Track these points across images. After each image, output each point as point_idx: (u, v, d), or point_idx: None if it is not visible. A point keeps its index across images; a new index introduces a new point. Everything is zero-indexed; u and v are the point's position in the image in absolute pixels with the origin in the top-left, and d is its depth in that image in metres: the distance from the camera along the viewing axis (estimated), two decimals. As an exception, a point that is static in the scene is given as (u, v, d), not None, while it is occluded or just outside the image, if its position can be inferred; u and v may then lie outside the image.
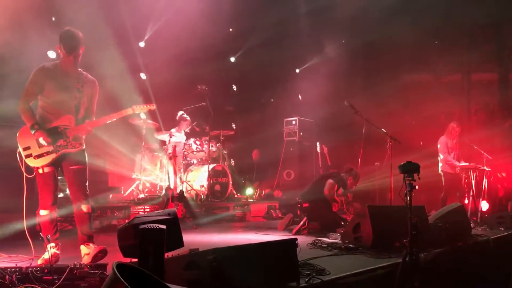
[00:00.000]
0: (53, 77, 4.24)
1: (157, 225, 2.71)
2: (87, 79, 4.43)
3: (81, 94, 4.33)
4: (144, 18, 9.63)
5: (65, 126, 4.23)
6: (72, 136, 4.24)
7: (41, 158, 4.13)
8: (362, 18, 11.30)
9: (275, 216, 8.90)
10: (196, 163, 9.11)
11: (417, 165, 3.91)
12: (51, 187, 4.20)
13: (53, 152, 4.16)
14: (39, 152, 4.13)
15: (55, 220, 4.29)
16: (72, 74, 4.33)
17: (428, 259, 4.49)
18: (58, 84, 4.24)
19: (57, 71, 4.29)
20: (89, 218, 4.35)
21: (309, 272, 3.54)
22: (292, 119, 11.61)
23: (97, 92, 4.54)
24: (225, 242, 5.63)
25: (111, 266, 2.41)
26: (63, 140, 4.21)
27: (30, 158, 4.12)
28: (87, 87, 4.40)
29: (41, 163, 4.13)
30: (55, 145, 4.16)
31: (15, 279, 3.05)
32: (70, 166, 4.26)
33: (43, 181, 4.17)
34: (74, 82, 4.32)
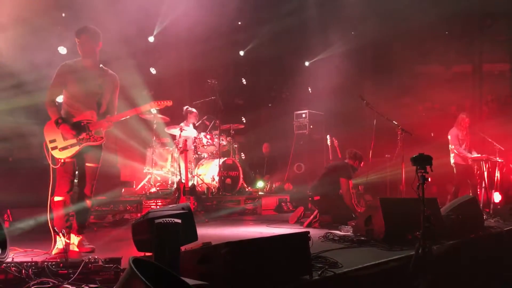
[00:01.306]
0: (75, 73, 4.43)
1: (172, 219, 2.73)
2: (107, 74, 4.58)
3: (102, 89, 4.51)
4: (153, 13, 9.62)
5: (88, 120, 4.41)
6: (94, 130, 4.42)
7: (66, 150, 4.33)
8: (372, 10, 11.21)
9: (286, 209, 8.91)
10: (207, 157, 9.14)
11: (429, 157, 3.89)
12: (69, 176, 4.40)
13: (77, 144, 4.35)
14: (64, 144, 4.33)
15: (69, 207, 4.43)
16: (92, 70, 4.49)
17: (441, 251, 4.48)
18: (80, 80, 4.42)
19: (78, 68, 4.46)
20: (88, 212, 4.63)
21: (322, 265, 3.55)
22: (302, 112, 11.59)
23: (118, 86, 4.69)
24: (237, 235, 5.66)
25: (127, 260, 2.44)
26: (86, 133, 4.39)
27: (56, 150, 4.33)
28: (108, 83, 4.56)
29: (65, 155, 4.34)
30: (78, 138, 4.35)
31: (31, 273, 3.07)
32: (86, 163, 4.48)
33: (63, 170, 4.35)
34: (95, 78, 4.48)
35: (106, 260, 3.29)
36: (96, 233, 5.90)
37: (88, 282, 3.06)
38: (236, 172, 8.85)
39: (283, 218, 7.47)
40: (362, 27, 11.79)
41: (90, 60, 4.50)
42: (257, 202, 8.85)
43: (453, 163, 8.51)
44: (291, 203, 9.14)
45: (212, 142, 8.91)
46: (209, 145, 8.91)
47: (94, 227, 6.14)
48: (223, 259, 2.85)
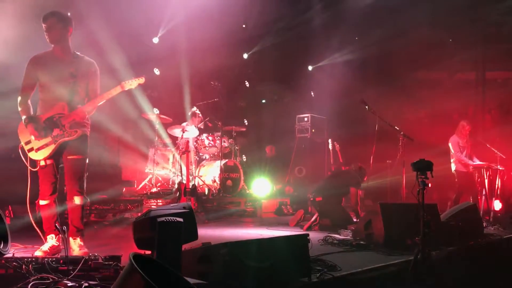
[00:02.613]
0: (44, 64, 4.13)
1: (175, 218, 2.74)
2: (82, 61, 4.23)
3: (75, 78, 4.13)
4: (158, 14, 9.66)
5: (59, 114, 4.08)
6: (67, 123, 4.08)
7: (42, 150, 4.05)
8: (376, 15, 11.23)
9: (286, 212, 8.91)
10: (208, 158, 9.16)
11: (430, 163, 3.91)
12: (51, 179, 4.11)
13: (52, 142, 4.05)
14: (39, 144, 4.04)
15: (55, 210, 4.17)
16: (64, 58, 4.17)
17: (440, 257, 4.49)
18: (49, 71, 4.11)
19: (48, 58, 4.17)
20: (81, 211, 4.23)
21: (321, 268, 3.57)
22: (304, 115, 11.62)
23: (96, 73, 4.28)
24: (236, 236, 5.68)
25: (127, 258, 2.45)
26: (59, 129, 4.07)
27: (32, 152, 4.06)
28: (82, 69, 4.19)
29: (42, 155, 4.05)
30: (52, 136, 4.05)
31: (32, 268, 3.10)
32: (68, 156, 4.15)
33: (43, 173, 4.08)
34: (67, 66, 4.14)
35: (106, 257, 3.31)
36: (97, 231, 5.93)
37: (88, 279, 3.08)
38: (237, 174, 8.87)
39: (283, 221, 7.48)
40: (366, 33, 11.81)
41: (60, 47, 4.14)
42: (257, 204, 8.86)
43: (454, 170, 8.51)
44: (292, 206, 9.14)
45: (214, 143, 8.93)
46: (211, 147, 8.94)
47: (95, 225, 6.17)
48: (222, 259, 2.87)
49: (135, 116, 8.64)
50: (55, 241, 4.11)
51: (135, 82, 4.31)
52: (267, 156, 11.58)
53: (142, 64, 9.19)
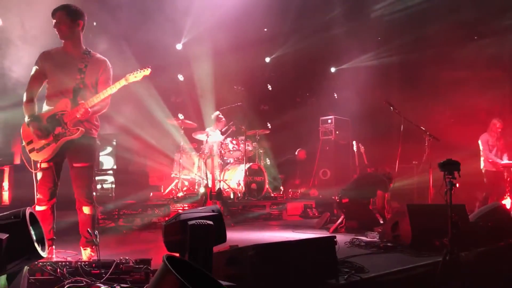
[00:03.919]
0: (52, 59, 3.94)
1: (205, 221, 2.79)
2: (93, 58, 4.01)
3: (84, 74, 3.91)
4: (181, 21, 9.80)
5: (62, 111, 3.85)
6: (69, 121, 3.83)
7: (43, 150, 3.81)
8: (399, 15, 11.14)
9: (312, 215, 8.90)
10: (233, 162, 9.23)
11: (457, 163, 3.86)
12: (50, 183, 3.86)
13: (53, 142, 3.82)
14: (40, 144, 3.81)
15: (52, 218, 3.92)
16: (73, 53, 3.96)
17: (469, 258, 4.42)
18: (57, 65, 3.92)
19: (58, 54, 3.98)
20: (91, 221, 3.97)
21: (348, 270, 3.56)
22: (328, 117, 11.59)
23: (107, 72, 4.05)
24: (263, 239, 5.71)
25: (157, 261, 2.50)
26: (61, 127, 3.83)
27: (33, 152, 3.83)
28: (92, 67, 3.96)
29: (43, 156, 3.81)
30: (53, 134, 3.81)
31: (66, 272, 3.19)
32: (74, 163, 3.92)
33: (42, 176, 3.84)
34: (76, 62, 3.93)
35: (136, 261, 3.37)
36: (125, 236, 6.04)
37: (120, 282, 3.15)
38: (261, 177, 8.90)
39: (309, 224, 7.47)
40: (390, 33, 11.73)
41: (70, 42, 3.93)
42: (282, 207, 8.88)
43: (483, 169, 8.36)
44: (317, 209, 9.12)
45: (238, 147, 8.99)
46: (235, 151, 9.00)
47: (123, 230, 6.28)
48: (250, 262, 2.90)
49: (161, 121, 8.79)
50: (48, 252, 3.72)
51: (140, 74, 4.00)
52: (299, 159, 11.60)
53: (165, 70, 9.36)
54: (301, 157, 11.69)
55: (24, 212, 2.49)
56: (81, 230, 3.98)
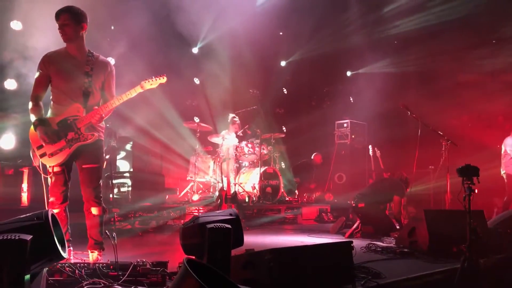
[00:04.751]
0: (57, 62, 3.87)
1: (224, 224, 2.80)
2: (97, 61, 3.99)
3: (91, 78, 3.89)
4: (198, 25, 9.87)
5: (74, 116, 3.83)
6: (83, 126, 3.83)
7: (56, 155, 3.79)
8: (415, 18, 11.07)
9: (327, 219, 8.87)
10: (248, 166, 9.25)
11: (476, 168, 3.82)
12: (62, 186, 3.87)
13: (67, 147, 3.79)
14: (53, 149, 3.77)
15: (66, 220, 3.94)
16: (78, 56, 3.92)
17: (488, 265, 4.36)
18: (63, 69, 3.86)
19: (61, 56, 3.91)
20: (100, 222, 3.97)
21: (365, 275, 3.54)
22: (344, 121, 11.55)
23: (111, 73, 4.07)
24: (278, 243, 5.70)
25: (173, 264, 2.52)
26: (74, 132, 3.82)
27: (45, 157, 3.79)
28: (97, 69, 3.96)
29: (57, 161, 3.79)
30: (66, 140, 3.79)
31: (84, 273, 3.22)
32: (83, 165, 3.91)
33: (55, 180, 3.83)
34: (82, 66, 3.90)
35: (153, 263, 3.40)
36: (142, 238, 6.09)
37: (137, 284, 3.17)
38: (276, 181, 8.90)
39: (324, 228, 7.45)
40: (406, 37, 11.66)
41: (74, 45, 3.88)
42: (297, 211, 8.86)
43: (505, 173, 8.20)
44: (332, 213, 9.09)
45: (253, 151, 9.00)
46: (250, 154, 9.01)
47: (139, 232, 6.33)
48: (267, 266, 2.90)
49: (177, 124, 8.85)
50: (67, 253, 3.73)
51: (156, 82, 3.99)
52: (315, 163, 11.58)
53: (182, 73, 9.43)
54: (317, 161, 11.66)
55: (46, 213, 2.53)
56: (89, 232, 3.97)
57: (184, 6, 8.85)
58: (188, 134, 9.14)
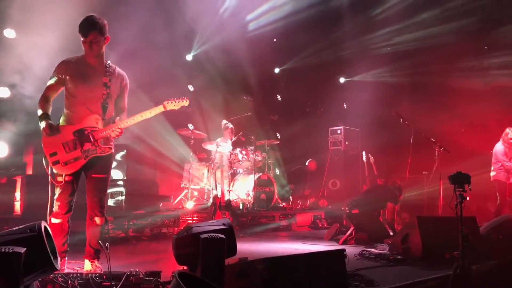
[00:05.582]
0: (75, 71, 3.84)
1: (217, 234, 2.81)
2: (114, 72, 3.98)
3: (109, 89, 3.89)
4: (191, 32, 9.89)
5: (92, 128, 3.82)
6: (100, 139, 3.83)
7: (70, 164, 3.74)
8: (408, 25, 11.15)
9: (321, 226, 8.88)
10: (242, 173, 9.25)
11: (468, 176, 3.84)
12: (70, 196, 3.83)
13: (82, 157, 3.77)
14: (67, 158, 3.74)
15: (67, 231, 3.88)
16: (97, 67, 3.90)
17: (481, 271, 4.38)
18: (82, 78, 3.82)
19: (80, 65, 3.87)
20: (101, 231, 3.94)
21: (358, 283, 3.56)
22: (337, 128, 11.59)
23: (127, 87, 4.10)
24: (272, 251, 5.70)
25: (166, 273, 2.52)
26: (91, 144, 3.80)
27: (58, 165, 3.73)
28: (115, 82, 3.96)
29: (70, 170, 3.75)
30: (82, 150, 3.76)
31: (77, 284, 3.21)
32: (93, 174, 3.88)
33: (63, 188, 3.78)
34: (100, 76, 3.88)
35: (146, 273, 3.39)
36: (135, 246, 6.07)
37: (130, 294, 3.18)
38: (270, 188, 8.91)
39: (318, 235, 7.46)
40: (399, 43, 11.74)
41: (96, 58, 3.88)
42: (291, 218, 8.87)
43: (494, 180, 8.27)
44: (326, 219, 9.10)
45: (247, 157, 9.01)
46: (244, 161, 9.02)
47: (133, 240, 6.31)
48: (260, 275, 2.91)
49: (171, 132, 8.85)
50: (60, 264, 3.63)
51: (179, 104, 4.03)
52: (309, 170, 11.61)
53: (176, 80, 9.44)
54: (311, 168, 11.69)
55: (39, 226, 2.54)
56: (88, 241, 3.94)
57: (179, 13, 8.88)
58: (182, 141, 9.14)
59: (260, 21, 10.27)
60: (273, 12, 10.33)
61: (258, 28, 10.38)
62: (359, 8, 11.01)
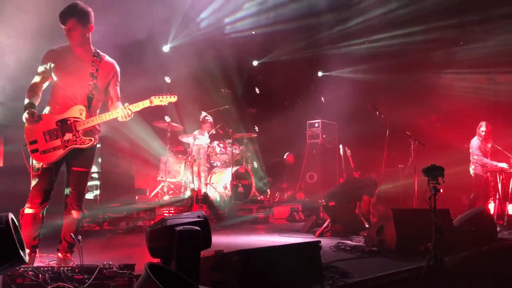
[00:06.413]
0: (60, 60, 3.75)
1: (193, 227, 2.77)
2: (103, 62, 3.88)
3: (96, 79, 3.79)
4: (168, 22, 9.76)
5: (76, 118, 3.72)
6: (82, 130, 3.73)
7: (48, 154, 3.65)
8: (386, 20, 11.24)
9: (298, 218, 8.91)
10: (220, 166, 9.21)
11: (441, 168, 3.91)
12: (45, 185, 3.70)
13: (62, 148, 3.68)
14: (47, 147, 3.65)
15: (40, 222, 3.76)
16: (83, 56, 3.80)
17: (453, 263, 4.46)
18: (66, 69, 3.74)
19: (65, 54, 3.77)
20: (76, 225, 3.87)
21: (333, 275, 3.58)
22: (315, 121, 11.64)
23: (116, 76, 3.97)
24: (248, 244, 5.69)
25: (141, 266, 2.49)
26: (72, 134, 3.70)
27: (36, 154, 3.64)
28: (103, 71, 3.86)
29: (48, 160, 3.66)
30: (62, 140, 3.67)
31: (48, 277, 3.14)
32: (73, 167, 3.81)
33: (38, 177, 3.67)
34: (87, 66, 3.79)
35: (120, 266, 3.34)
36: (110, 240, 5.98)
37: (103, 287, 3.12)
38: (248, 181, 8.90)
39: (295, 227, 7.48)
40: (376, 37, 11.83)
41: (81, 47, 3.77)
42: (269, 211, 8.88)
43: (473, 173, 8.43)
44: (303, 212, 9.14)
45: (225, 150, 8.98)
46: (222, 154, 8.98)
47: (108, 233, 6.22)
48: (235, 267, 2.89)
49: (147, 124, 8.73)
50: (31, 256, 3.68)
51: (166, 100, 3.93)
52: (287, 163, 11.63)
53: (152, 72, 9.31)
54: (289, 161, 11.73)
55: (7, 217, 2.46)
56: (63, 234, 3.87)
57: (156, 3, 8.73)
58: (158, 133, 9.03)
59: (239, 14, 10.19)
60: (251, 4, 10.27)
61: (236, 20, 10.30)
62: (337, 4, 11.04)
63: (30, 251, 3.65)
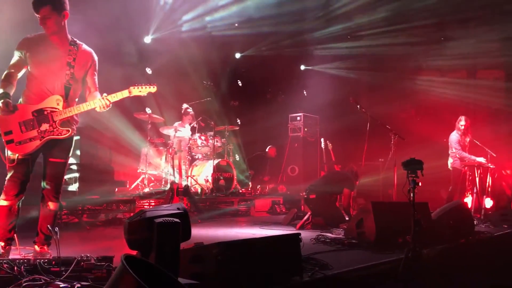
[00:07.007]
0: (36, 48, 3.65)
1: (172, 219, 2.74)
2: (80, 51, 3.79)
3: (73, 69, 3.70)
4: (150, 13, 9.64)
5: (52, 108, 3.65)
6: (59, 120, 3.66)
7: (24, 145, 3.58)
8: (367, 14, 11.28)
9: (279, 211, 8.94)
10: (201, 158, 9.17)
11: (420, 162, 3.94)
12: (20, 176, 3.63)
13: (38, 138, 3.61)
14: (22, 138, 3.58)
15: (15, 214, 3.69)
16: (59, 45, 3.71)
17: (431, 255, 4.52)
18: (42, 57, 3.65)
19: (41, 42, 3.67)
20: (53, 217, 3.83)
21: (312, 267, 3.58)
22: (297, 115, 11.67)
23: (94, 65, 3.89)
24: (229, 236, 5.68)
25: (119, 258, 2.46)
26: (49, 125, 3.63)
27: (12, 145, 3.56)
28: (80, 60, 3.77)
29: (23, 151, 3.58)
30: (39, 131, 3.60)
31: (23, 270, 3.08)
32: (50, 158, 3.75)
33: (14, 168, 3.61)
34: (63, 55, 3.71)
35: (98, 258, 3.30)
36: (89, 232, 5.91)
37: (80, 279, 3.07)
38: (230, 174, 8.89)
39: (276, 220, 7.49)
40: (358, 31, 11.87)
41: (57, 35, 3.67)
42: (250, 203, 8.89)
43: (451, 167, 8.56)
44: (284, 205, 9.17)
45: (206, 143, 8.94)
46: (204, 146, 8.94)
47: (87, 225, 6.14)
48: (214, 259, 2.88)
49: (128, 115, 8.62)
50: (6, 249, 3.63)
51: (146, 90, 3.87)
52: (269, 156, 11.64)
53: (133, 63, 9.20)
54: (271, 154, 11.75)
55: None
56: (40, 226, 3.81)
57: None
58: (139, 125, 8.93)
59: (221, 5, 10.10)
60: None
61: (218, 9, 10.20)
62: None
63: (5, 244, 3.61)
